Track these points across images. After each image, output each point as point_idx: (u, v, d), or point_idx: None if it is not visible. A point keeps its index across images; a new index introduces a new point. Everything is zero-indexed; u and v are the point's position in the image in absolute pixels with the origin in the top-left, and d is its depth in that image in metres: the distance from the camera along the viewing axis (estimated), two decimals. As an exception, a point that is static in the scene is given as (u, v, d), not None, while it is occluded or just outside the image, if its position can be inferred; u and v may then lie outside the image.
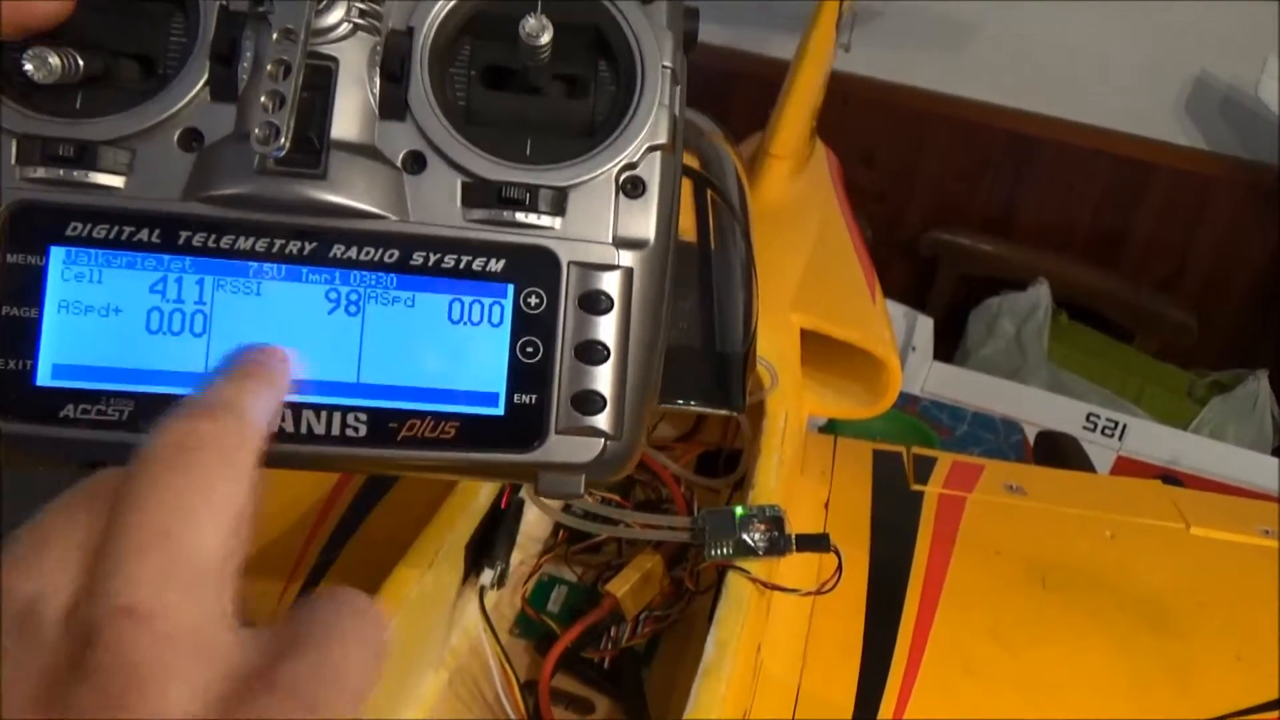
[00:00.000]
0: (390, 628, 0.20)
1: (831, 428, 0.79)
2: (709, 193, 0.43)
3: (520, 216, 0.23)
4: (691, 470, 0.50)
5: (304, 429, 0.23)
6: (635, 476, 0.48)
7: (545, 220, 0.23)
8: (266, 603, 0.42)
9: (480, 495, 0.39)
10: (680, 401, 0.38)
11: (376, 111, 0.23)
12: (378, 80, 0.23)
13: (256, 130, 0.21)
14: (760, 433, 0.46)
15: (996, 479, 0.61)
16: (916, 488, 0.57)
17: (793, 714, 0.41)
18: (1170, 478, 0.89)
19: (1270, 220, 1.27)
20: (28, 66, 0.21)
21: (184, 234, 0.22)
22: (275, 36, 0.21)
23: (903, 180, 1.43)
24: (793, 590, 0.39)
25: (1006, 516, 0.57)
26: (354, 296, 0.23)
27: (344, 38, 0.23)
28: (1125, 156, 1.32)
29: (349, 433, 0.23)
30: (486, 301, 0.23)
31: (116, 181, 0.22)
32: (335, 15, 0.23)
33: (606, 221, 0.24)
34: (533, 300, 0.24)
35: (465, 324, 0.23)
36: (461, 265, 0.23)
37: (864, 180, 1.44)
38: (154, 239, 0.22)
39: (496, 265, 0.23)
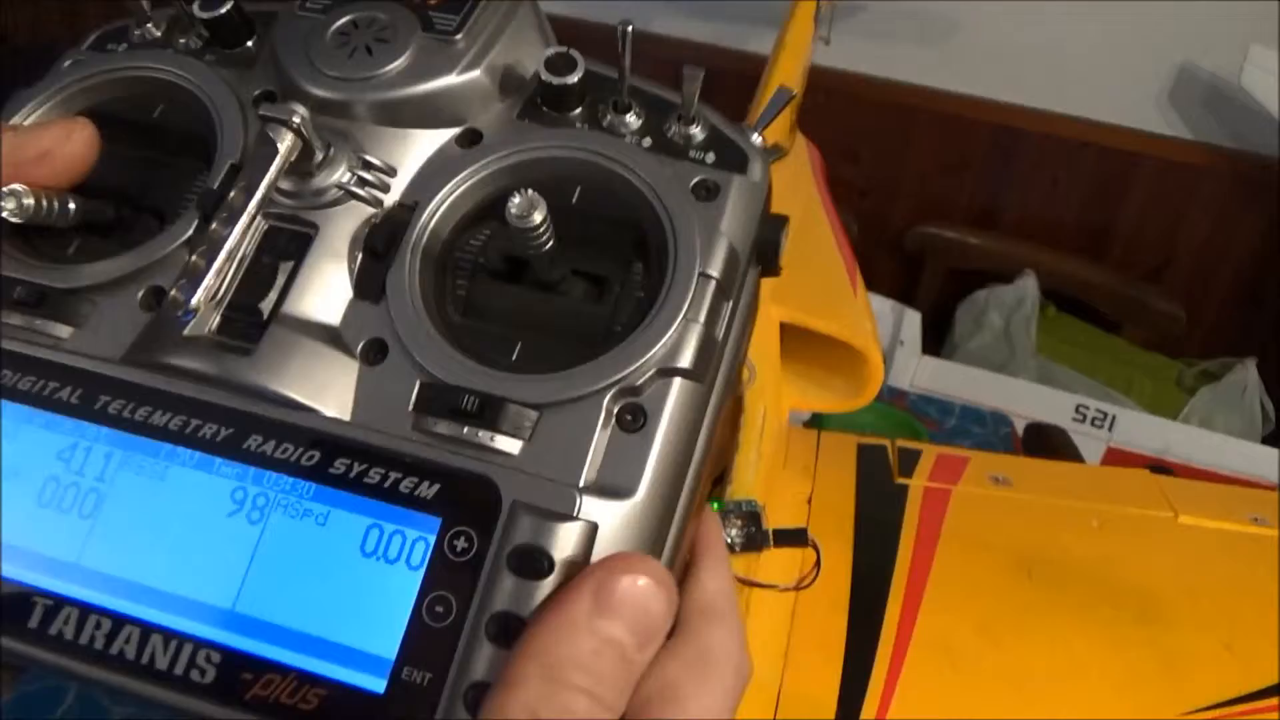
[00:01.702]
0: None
1: (817, 422, 0.78)
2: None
3: (472, 434, 0.19)
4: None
5: (145, 658, 0.19)
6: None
7: (502, 443, 0.19)
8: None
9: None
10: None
11: (355, 293, 0.20)
12: (362, 258, 0.20)
13: (174, 292, 0.19)
14: (738, 428, 0.45)
15: (982, 470, 0.60)
16: (901, 481, 0.57)
17: (774, 714, 0.40)
18: (1160, 468, 0.88)
19: (1256, 208, 1.27)
20: (2, 204, 0.20)
21: (103, 399, 0.20)
22: (233, 194, 0.19)
23: (888, 175, 1.42)
24: (771, 585, 0.38)
25: (992, 509, 0.56)
26: (261, 501, 0.19)
27: (334, 204, 0.21)
28: (1110, 148, 1.32)
29: (192, 675, 0.19)
30: (410, 535, 0.18)
31: (64, 332, 0.21)
32: (326, 179, 0.20)
33: (583, 458, 0.19)
34: (459, 544, 0.18)
35: (379, 559, 0.18)
36: (389, 484, 0.18)
37: (849, 175, 1.44)
38: (74, 399, 0.20)
39: (429, 491, 0.18)
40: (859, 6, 1.32)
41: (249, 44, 0.24)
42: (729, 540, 0.37)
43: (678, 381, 0.19)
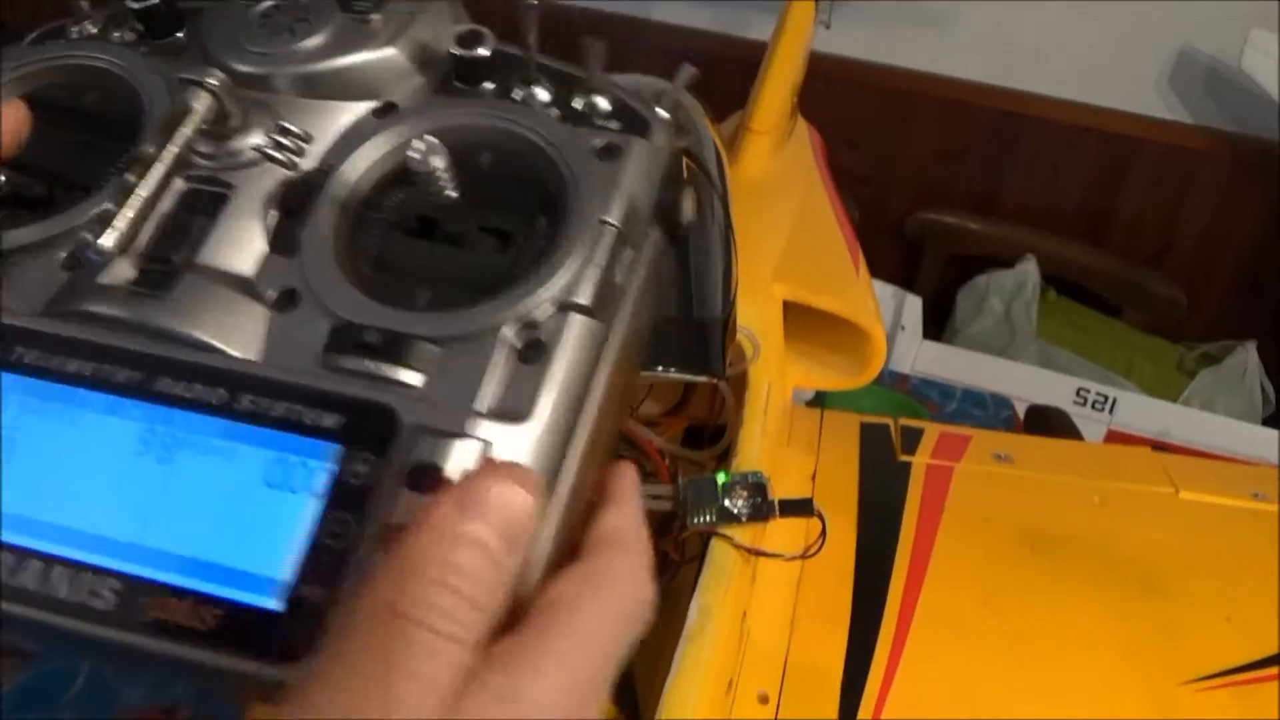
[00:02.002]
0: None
1: (820, 403, 0.79)
2: (684, 162, 0.42)
3: (376, 368, 0.19)
4: (678, 445, 0.50)
5: (46, 588, 0.19)
6: (621, 452, 0.48)
7: (405, 375, 0.19)
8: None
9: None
10: (660, 369, 0.38)
11: (270, 247, 0.22)
12: (277, 215, 0.22)
13: (86, 234, 0.20)
14: (743, 403, 0.45)
15: (984, 448, 0.60)
16: (904, 458, 0.57)
17: (780, 682, 0.41)
18: (1161, 449, 0.89)
19: (1258, 192, 1.27)
20: None
21: (18, 350, 0.20)
22: (150, 150, 0.21)
23: (888, 161, 1.42)
24: (777, 555, 0.39)
25: (994, 485, 0.56)
26: (169, 441, 0.20)
27: (250, 164, 0.22)
28: (1111, 133, 1.32)
29: (94, 603, 0.19)
30: (312, 465, 0.19)
31: None
32: (242, 141, 0.22)
33: (482, 387, 0.19)
34: (359, 469, 0.19)
35: (284, 490, 0.19)
36: (292, 417, 0.19)
37: (849, 162, 1.43)
38: None
39: (331, 421, 0.19)
40: (861, -9, 1.32)
41: (179, 35, 0.25)
42: (736, 510, 0.37)
43: (575, 317, 0.20)
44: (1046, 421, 1.00)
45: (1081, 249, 1.35)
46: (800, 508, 0.38)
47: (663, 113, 0.23)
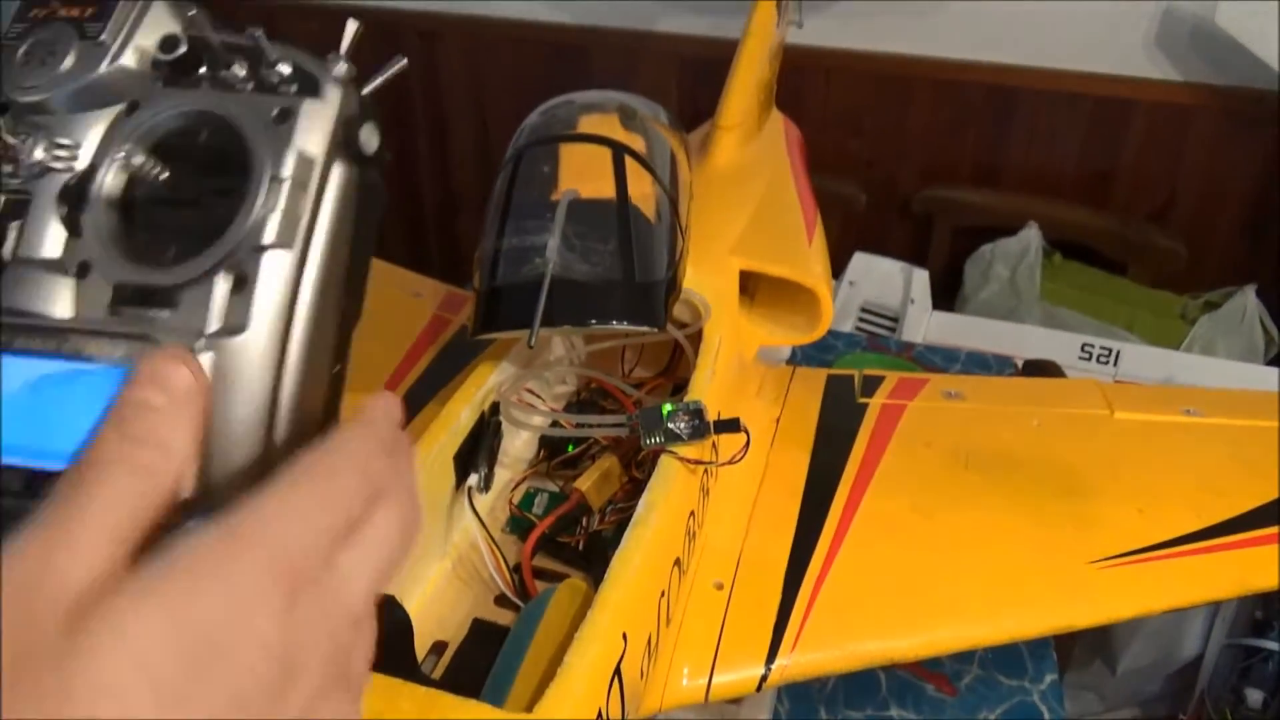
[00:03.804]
0: None
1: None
2: (626, 158, 0.52)
3: (143, 312, 0.28)
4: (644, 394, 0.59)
5: None
6: (601, 403, 0.57)
7: (159, 314, 0.28)
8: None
9: (461, 416, 0.49)
10: (613, 322, 0.47)
11: (67, 230, 0.30)
12: (64, 208, 0.30)
13: None
14: (699, 355, 0.55)
15: (938, 388, 0.68)
16: (862, 400, 0.65)
17: (734, 574, 0.50)
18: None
19: (1252, 140, 1.31)
20: None
21: None
22: None
23: (891, 144, 1.49)
24: (707, 462, 0.48)
25: (941, 416, 0.64)
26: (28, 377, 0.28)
27: (39, 175, 0.30)
28: (1104, 96, 1.36)
29: None
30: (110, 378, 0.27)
31: None
32: (30, 158, 0.30)
33: (209, 315, 0.27)
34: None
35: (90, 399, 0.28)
36: (97, 352, 0.28)
37: (854, 148, 1.51)
38: None
39: (117, 351, 0.28)
40: (850, -12, 1.40)
41: None
42: (678, 431, 0.46)
43: (268, 253, 0.27)
44: (1041, 372, 1.06)
45: (1085, 212, 1.40)
46: (730, 426, 0.47)
47: (337, 70, 0.30)
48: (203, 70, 0.31)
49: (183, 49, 0.31)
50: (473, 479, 0.48)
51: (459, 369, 0.56)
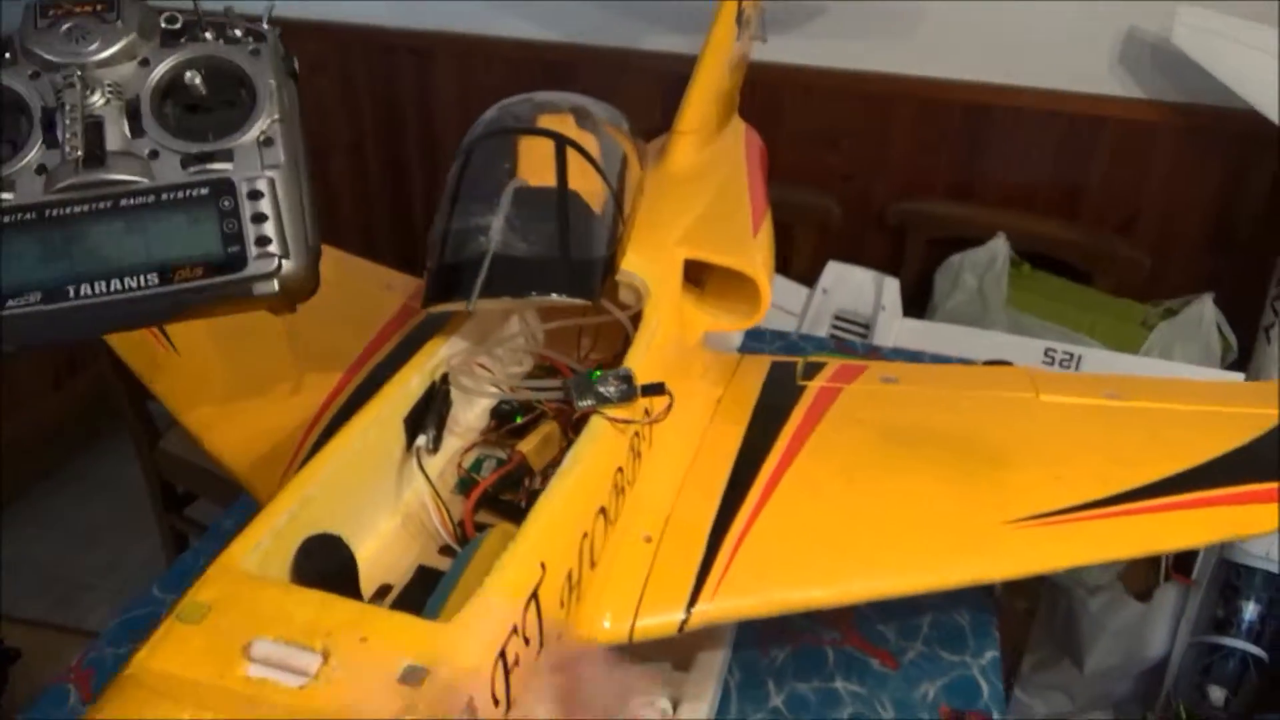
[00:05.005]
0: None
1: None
2: (568, 150, 0.57)
3: (213, 166, 0.44)
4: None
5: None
6: (543, 378, 0.62)
7: (225, 165, 0.44)
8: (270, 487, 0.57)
9: (411, 382, 0.53)
10: (550, 294, 0.52)
11: (130, 135, 0.44)
12: (127, 122, 0.44)
13: (66, 149, 0.42)
14: (637, 331, 0.59)
15: (876, 374, 0.72)
16: (802, 383, 0.69)
17: (663, 529, 0.54)
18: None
19: (1212, 154, 1.36)
20: None
21: (50, 212, 0.43)
22: (67, 110, 0.43)
23: (868, 159, 1.54)
24: (630, 420, 0.52)
25: (875, 398, 0.68)
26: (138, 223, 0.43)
27: (106, 104, 0.44)
28: (1075, 114, 1.41)
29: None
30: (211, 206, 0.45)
31: (8, 196, 0.43)
32: (97, 98, 0.44)
33: (261, 160, 0.45)
34: (225, 203, 0.44)
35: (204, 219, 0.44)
36: (188, 195, 0.44)
37: (833, 163, 1.56)
38: (27, 218, 0.43)
39: (204, 191, 0.44)
40: (824, 7, 1.45)
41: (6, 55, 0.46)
42: (607, 394, 0.51)
43: (279, 124, 0.46)
44: (999, 374, 1.10)
45: (1055, 224, 1.44)
46: (656, 389, 0.52)
47: (267, 28, 0.47)
48: (183, 39, 0.46)
49: (178, 21, 0.46)
50: (421, 439, 0.53)
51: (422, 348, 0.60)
